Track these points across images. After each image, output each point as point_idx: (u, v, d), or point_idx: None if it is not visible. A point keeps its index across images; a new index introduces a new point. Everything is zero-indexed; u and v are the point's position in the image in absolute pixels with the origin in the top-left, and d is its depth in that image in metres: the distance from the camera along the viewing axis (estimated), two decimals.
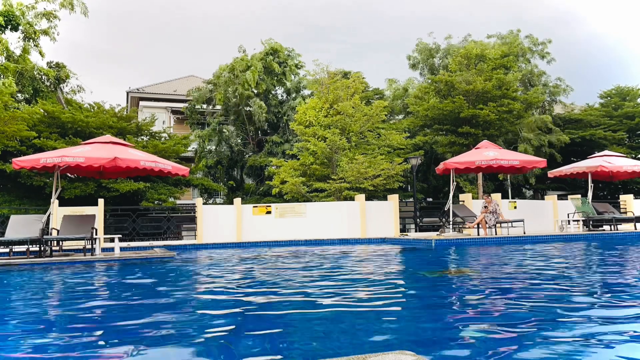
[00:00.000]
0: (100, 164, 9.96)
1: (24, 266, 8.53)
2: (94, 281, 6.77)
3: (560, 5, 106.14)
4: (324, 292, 5.06)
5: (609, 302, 4.13)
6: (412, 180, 20.72)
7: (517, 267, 7.06)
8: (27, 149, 16.44)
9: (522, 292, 4.82)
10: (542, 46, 26.09)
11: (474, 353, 2.66)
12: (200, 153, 24.77)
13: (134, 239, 14.27)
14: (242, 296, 4.94)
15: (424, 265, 8.29)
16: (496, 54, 21.21)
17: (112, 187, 16.69)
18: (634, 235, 13.94)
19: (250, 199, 22.55)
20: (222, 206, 16.87)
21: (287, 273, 7.00)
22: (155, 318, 3.89)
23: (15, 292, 5.84)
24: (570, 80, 54.41)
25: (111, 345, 3.02)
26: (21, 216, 10.34)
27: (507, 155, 14.58)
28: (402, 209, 16.99)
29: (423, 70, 27.17)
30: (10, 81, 15.52)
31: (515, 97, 20.57)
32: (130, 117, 19.62)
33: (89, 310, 4.37)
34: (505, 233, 14.28)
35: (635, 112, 26.19)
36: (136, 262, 9.06)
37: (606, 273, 6.20)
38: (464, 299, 4.57)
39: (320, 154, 18.53)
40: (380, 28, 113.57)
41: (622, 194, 22.59)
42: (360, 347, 2.84)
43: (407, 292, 5.23)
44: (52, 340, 3.22)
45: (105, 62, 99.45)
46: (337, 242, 13.98)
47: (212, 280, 6.48)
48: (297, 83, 24.99)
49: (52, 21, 20.53)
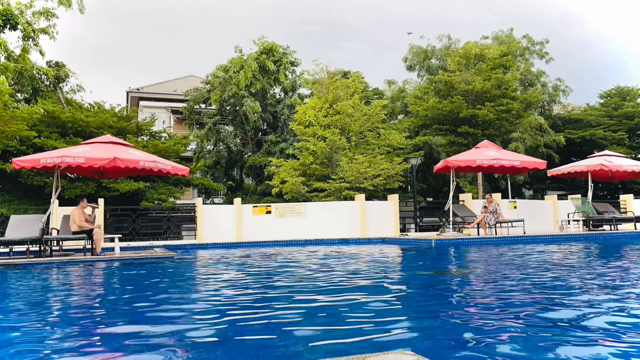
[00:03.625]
0: (100, 164, 9.96)
1: (24, 266, 8.53)
2: (94, 281, 6.77)
3: (560, 5, 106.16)
4: (324, 293, 5.06)
5: (609, 303, 4.13)
6: (412, 180, 20.72)
7: (517, 267, 7.06)
8: (27, 149, 16.43)
9: (522, 292, 4.82)
10: (539, 46, 26.09)
11: (474, 353, 2.66)
12: (199, 153, 24.77)
13: (134, 239, 14.27)
14: (242, 296, 4.94)
15: (424, 266, 8.30)
16: (495, 54, 21.21)
17: (112, 187, 16.69)
18: (634, 235, 13.94)
19: (249, 199, 22.54)
20: (222, 206, 16.86)
21: (287, 273, 7.00)
22: (154, 319, 3.89)
23: (15, 292, 5.83)
24: (570, 80, 54.49)
25: (109, 346, 3.02)
26: (21, 216, 10.34)
27: (508, 156, 14.60)
28: (402, 209, 16.98)
29: (420, 71, 27.18)
30: (3, 80, 15.45)
31: (514, 96, 20.57)
32: (130, 117, 19.61)
33: (88, 311, 4.37)
34: (505, 233, 14.29)
35: (635, 112, 26.19)
36: (136, 262, 9.06)
37: (606, 273, 6.20)
38: (464, 299, 4.57)
39: (320, 154, 18.53)
40: (380, 27, 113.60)
41: (622, 194, 22.59)
42: (360, 346, 2.84)
43: (407, 292, 5.23)
44: (49, 340, 3.22)
45: (105, 62, 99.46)
46: (337, 242, 13.98)
47: (212, 281, 6.48)
48: (292, 81, 24.91)
49: (50, 20, 20.49)
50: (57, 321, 3.93)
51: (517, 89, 21.54)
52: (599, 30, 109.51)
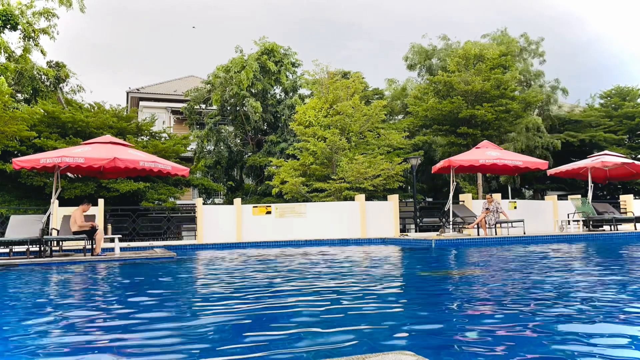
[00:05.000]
0: (100, 164, 9.96)
1: (24, 266, 8.53)
2: (93, 282, 6.77)
3: (559, 5, 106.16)
4: (324, 292, 5.06)
5: (609, 302, 4.13)
6: (412, 180, 20.73)
7: (517, 267, 7.06)
8: (27, 149, 16.43)
9: (523, 292, 4.82)
10: (535, 45, 26.08)
11: (474, 353, 2.66)
12: (199, 153, 24.77)
13: (134, 239, 14.26)
14: (242, 296, 4.94)
15: (424, 266, 8.30)
16: (494, 54, 21.21)
17: (112, 187, 16.69)
18: (634, 235, 13.94)
19: (250, 199, 22.54)
20: (222, 206, 16.86)
21: (286, 273, 7.00)
22: (153, 319, 3.89)
23: (15, 292, 5.83)
24: (570, 81, 54.40)
25: (109, 346, 3.02)
26: (21, 216, 10.34)
27: (510, 156, 14.60)
28: (402, 209, 16.98)
29: (421, 70, 27.18)
30: (3, 80, 15.45)
31: (513, 96, 20.57)
32: (130, 117, 19.61)
33: (88, 311, 4.37)
34: (505, 233, 14.29)
35: (635, 112, 26.19)
36: (136, 263, 9.06)
37: (606, 273, 6.20)
38: (463, 299, 4.57)
39: (320, 154, 18.53)
40: (381, 27, 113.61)
41: (622, 194, 22.59)
42: (359, 346, 2.84)
43: (407, 292, 5.23)
44: (49, 340, 3.22)
45: (105, 62, 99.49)
46: (337, 242, 13.97)
47: (212, 281, 6.48)
48: (293, 82, 24.92)
49: (50, 20, 20.49)
50: (57, 321, 3.93)
51: (516, 89, 21.54)
52: (598, 31, 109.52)
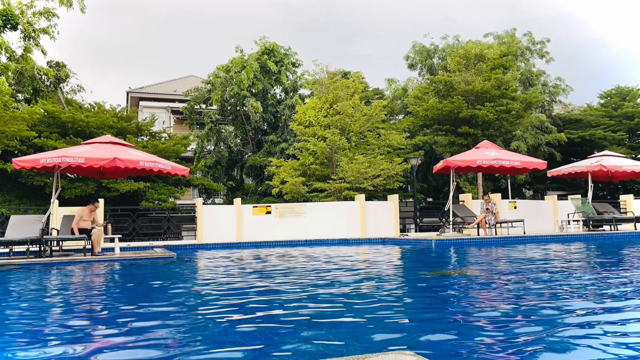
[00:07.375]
0: (100, 164, 9.96)
1: (24, 266, 8.53)
2: (93, 281, 6.77)
3: (561, 6, 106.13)
4: (324, 292, 5.06)
5: (609, 302, 4.13)
6: (412, 180, 20.73)
7: (516, 267, 7.06)
8: (27, 149, 16.44)
9: (522, 292, 4.82)
10: (540, 45, 26.06)
11: (474, 353, 2.66)
12: (199, 153, 24.77)
13: (134, 239, 14.27)
14: (242, 296, 4.94)
15: (424, 266, 8.30)
16: (495, 54, 21.19)
17: (112, 187, 16.69)
18: (634, 235, 13.94)
19: (250, 199, 22.54)
20: (222, 206, 16.86)
21: (285, 273, 7.00)
22: (153, 319, 3.89)
23: (15, 292, 5.84)
24: (571, 81, 54.48)
25: (109, 346, 3.02)
26: (21, 216, 10.34)
27: (508, 156, 14.59)
28: (402, 209, 16.98)
29: (422, 70, 27.17)
30: (3, 80, 15.46)
31: (514, 96, 20.56)
32: (130, 117, 19.62)
33: (88, 311, 4.37)
34: (505, 233, 14.28)
35: (635, 112, 26.18)
36: (136, 263, 9.06)
37: (606, 273, 6.20)
38: (463, 299, 4.58)
39: (320, 154, 18.53)
40: (379, 27, 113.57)
41: (622, 194, 22.58)
42: (359, 346, 2.84)
43: (407, 292, 5.23)
44: (49, 340, 3.22)
45: (106, 62, 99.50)
46: (337, 242, 13.98)
47: (212, 281, 6.48)
48: (294, 82, 24.91)
49: (51, 20, 20.48)
50: (57, 321, 3.94)
51: (517, 89, 21.53)
52: (600, 33, 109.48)
